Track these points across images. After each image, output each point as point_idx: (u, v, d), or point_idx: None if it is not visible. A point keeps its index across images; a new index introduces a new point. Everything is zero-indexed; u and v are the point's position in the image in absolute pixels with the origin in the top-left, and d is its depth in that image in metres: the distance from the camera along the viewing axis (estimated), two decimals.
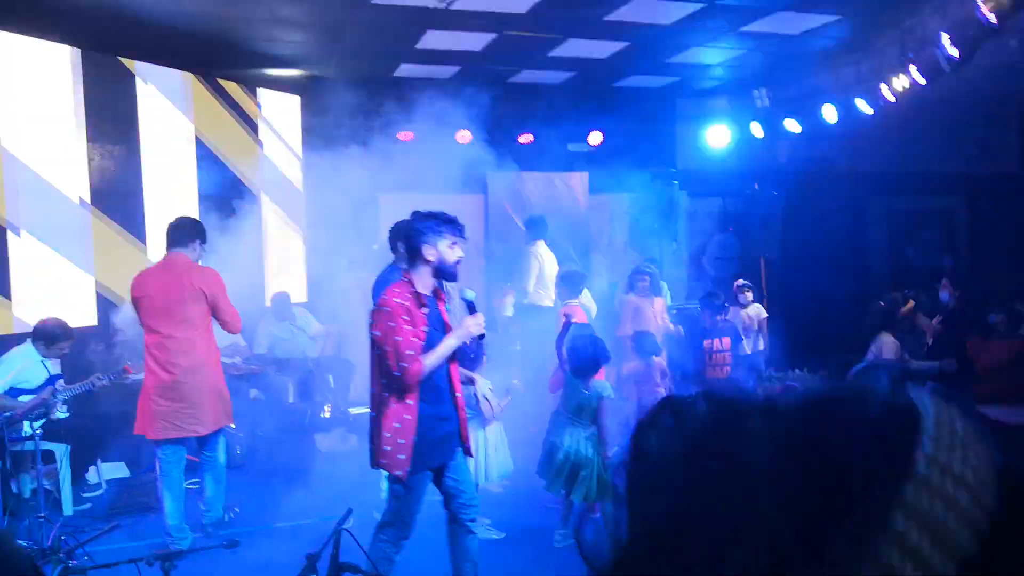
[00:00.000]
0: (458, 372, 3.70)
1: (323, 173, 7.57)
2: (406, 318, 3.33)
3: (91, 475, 5.88)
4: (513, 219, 7.53)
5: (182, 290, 4.55)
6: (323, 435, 6.74)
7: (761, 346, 7.68)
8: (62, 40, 6.11)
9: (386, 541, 3.57)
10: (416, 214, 3.56)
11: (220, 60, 7.23)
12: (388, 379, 3.38)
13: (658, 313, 6.73)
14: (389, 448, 3.41)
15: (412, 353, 3.32)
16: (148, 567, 3.05)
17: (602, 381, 4.68)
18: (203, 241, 4.81)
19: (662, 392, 5.24)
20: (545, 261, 7.18)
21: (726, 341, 5.67)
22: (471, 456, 3.84)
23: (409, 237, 3.48)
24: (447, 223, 3.48)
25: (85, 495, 5.65)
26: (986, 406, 6.20)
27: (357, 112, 7.13)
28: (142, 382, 4.75)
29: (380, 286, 5.24)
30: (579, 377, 4.54)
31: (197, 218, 5.12)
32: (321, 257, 7.59)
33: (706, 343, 5.70)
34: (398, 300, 3.36)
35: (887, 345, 6.23)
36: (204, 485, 4.90)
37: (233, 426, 5.53)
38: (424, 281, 3.47)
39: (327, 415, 7.01)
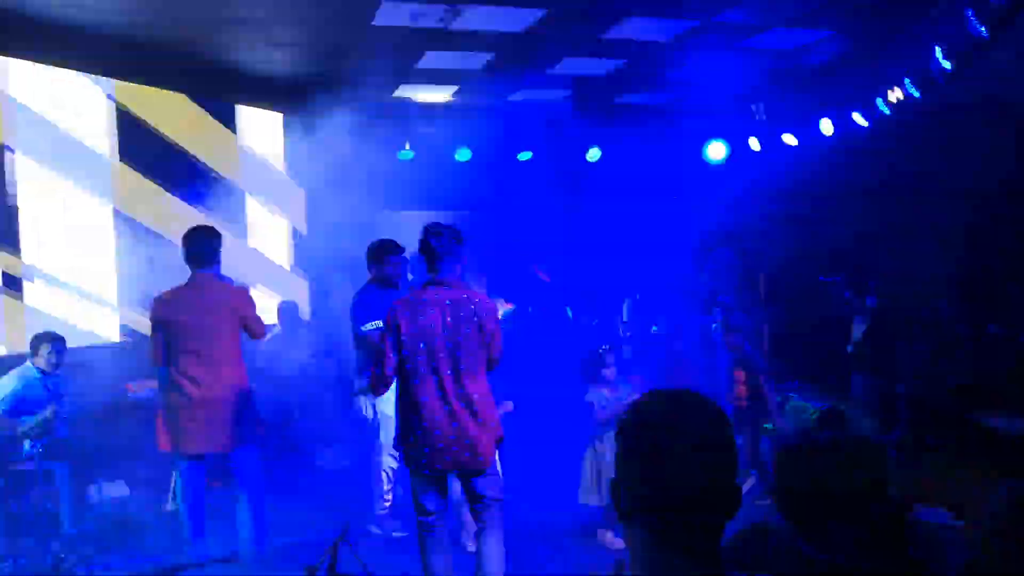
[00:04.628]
0: None
1: (320, 194, 7.59)
2: None
3: (92, 494, 5.86)
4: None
5: (219, 311, 4.41)
6: (324, 451, 6.73)
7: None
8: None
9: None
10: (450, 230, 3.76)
11: (215, 83, 7.30)
12: (493, 365, 3.79)
13: None
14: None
15: None
16: None
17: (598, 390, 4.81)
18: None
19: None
20: None
21: None
22: None
23: (462, 252, 3.77)
24: None
25: (87, 515, 5.62)
26: None
27: (356, 132, 7.18)
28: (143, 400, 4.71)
29: (358, 307, 5.06)
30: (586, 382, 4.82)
31: (209, 226, 4.75)
32: (316, 270, 7.60)
33: None
34: None
35: None
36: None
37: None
38: None
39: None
